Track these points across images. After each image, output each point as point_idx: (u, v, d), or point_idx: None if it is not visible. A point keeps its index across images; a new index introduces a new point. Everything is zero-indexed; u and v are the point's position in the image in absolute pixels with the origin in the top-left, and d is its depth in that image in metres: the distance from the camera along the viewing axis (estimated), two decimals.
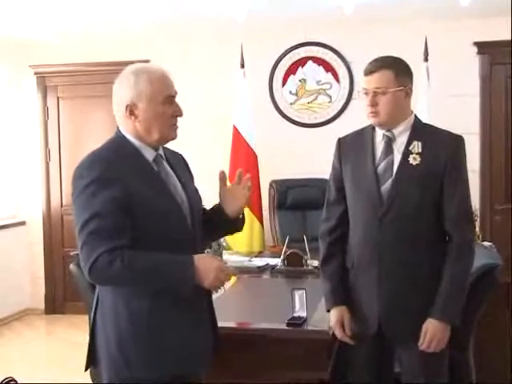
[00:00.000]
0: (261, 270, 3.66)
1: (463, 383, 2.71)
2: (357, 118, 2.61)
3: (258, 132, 4.88)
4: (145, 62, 2.24)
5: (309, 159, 5.09)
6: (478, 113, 5.06)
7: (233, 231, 2.25)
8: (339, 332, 2.34)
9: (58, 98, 5.85)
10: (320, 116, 5.33)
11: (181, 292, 1.88)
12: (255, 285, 3.44)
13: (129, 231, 1.85)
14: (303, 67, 5.33)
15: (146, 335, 1.91)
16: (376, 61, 2.26)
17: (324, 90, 5.33)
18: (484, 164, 5.08)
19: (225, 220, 2.14)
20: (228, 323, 2.53)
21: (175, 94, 2.00)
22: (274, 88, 5.38)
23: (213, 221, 2.15)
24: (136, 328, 1.90)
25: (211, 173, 4.96)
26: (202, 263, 1.87)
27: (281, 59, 5.36)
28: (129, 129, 1.97)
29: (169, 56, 5.27)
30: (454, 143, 2.24)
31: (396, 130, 2.27)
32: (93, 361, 2.03)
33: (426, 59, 4.60)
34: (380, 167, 2.26)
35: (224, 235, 2.58)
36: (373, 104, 2.23)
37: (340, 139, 2.43)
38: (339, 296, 2.35)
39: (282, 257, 3.65)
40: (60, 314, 5.82)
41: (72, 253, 2.93)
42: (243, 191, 2.14)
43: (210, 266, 1.87)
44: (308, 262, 3.59)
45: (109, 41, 5.44)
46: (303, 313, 2.54)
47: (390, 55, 2.30)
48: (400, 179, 2.22)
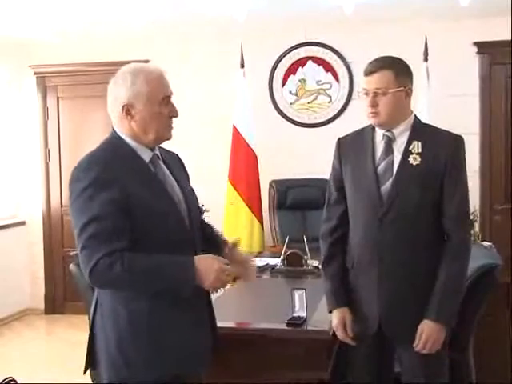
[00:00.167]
0: (261, 270, 3.65)
1: (463, 383, 2.71)
2: (357, 118, 2.60)
3: (258, 132, 4.87)
4: (145, 62, 2.24)
5: (309, 159, 5.09)
6: (478, 113, 5.06)
7: None
8: (341, 333, 2.34)
9: (58, 98, 5.85)
10: (320, 116, 5.33)
11: (181, 293, 1.87)
12: (255, 285, 3.42)
13: (128, 233, 1.84)
14: (303, 67, 5.33)
15: (146, 335, 1.91)
16: (376, 61, 2.26)
17: (324, 90, 5.32)
18: (484, 164, 5.08)
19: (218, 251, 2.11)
20: (228, 323, 2.53)
21: (171, 94, 2.00)
22: (274, 88, 5.38)
23: (206, 243, 2.13)
24: (135, 328, 1.90)
25: (211, 173, 5.09)
26: (203, 264, 1.86)
27: (281, 59, 5.35)
28: (125, 129, 1.97)
29: (169, 56, 5.28)
30: (454, 143, 2.24)
31: (396, 130, 2.27)
32: (92, 363, 2.02)
33: (426, 59, 4.59)
34: (380, 167, 2.26)
35: None
36: (373, 104, 2.23)
37: (340, 139, 2.43)
38: (341, 297, 2.35)
39: (282, 257, 3.65)
40: (60, 314, 5.82)
41: (72, 253, 2.91)
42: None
43: (211, 267, 1.86)
44: (308, 262, 3.59)
45: (109, 41, 5.44)
46: (303, 313, 2.54)
47: (390, 55, 2.30)
48: (400, 179, 2.22)
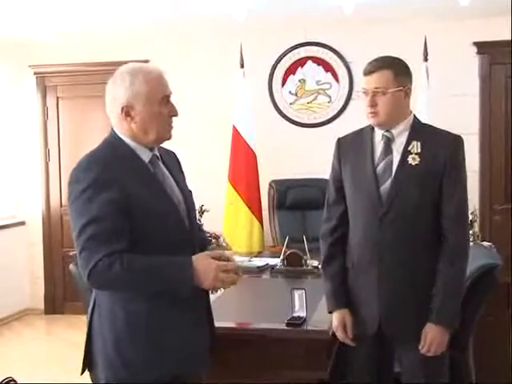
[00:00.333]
0: (260, 270, 3.65)
1: (463, 383, 2.71)
2: (356, 118, 2.60)
3: (258, 132, 4.87)
4: (144, 62, 2.23)
5: (308, 159, 5.08)
6: (478, 113, 5.06)
7: None
8: (341, 334, 2.34)
9: (58, 98, 5.84)
10: (319, 116, 5.33)
11: (180, 293, 1.87)
12: (255, 285, 3.44)
13: (127, 234, 1.83)
14: (303, 67, 5.33)
15: (144, 336, 1.90)
16: (375, 61, 2.26)
17: (323, 90, 5.32)
18: (484, 164, 5.07)
19: None
20: (228, 323, 2.53)
21: (170, 94, 1.99)
22: (274, 88, 5.38)
23: None
24: (133, 329, 1.90)
25: (211, 173, 5.08)
26: (201, 264, 1.85)
27: (280, 59, 5.35)
28: (124, 130, 1.96)
29: (169, 56, 5.28)
30: (454, 143, 2.24)
31: (395, 130, 2.27)
32: (89, 364, 2.01)
33: (426, 59, 4.59)
34: (379, 167, 2.26)
35: None
36: (372, 104, 2.23)
37: (339, 139, 2.43)
38: (341, 298, 2.35)
39: (282, 257, 3.65)
40: (59, 314, 5.82)
41: (71, 253, 2.90)
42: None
43: (210, 267, 1.85)
44: (308, 262, 3.58)
45: (109, 41, 5.44)
46: (303, 313, 2.53)
47: (390, 55, 2.30)
48: (399, 179, 2.22)
